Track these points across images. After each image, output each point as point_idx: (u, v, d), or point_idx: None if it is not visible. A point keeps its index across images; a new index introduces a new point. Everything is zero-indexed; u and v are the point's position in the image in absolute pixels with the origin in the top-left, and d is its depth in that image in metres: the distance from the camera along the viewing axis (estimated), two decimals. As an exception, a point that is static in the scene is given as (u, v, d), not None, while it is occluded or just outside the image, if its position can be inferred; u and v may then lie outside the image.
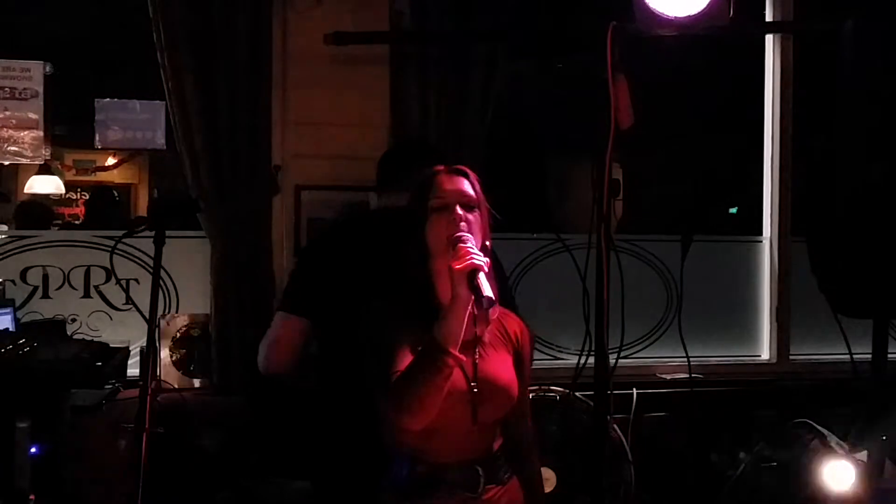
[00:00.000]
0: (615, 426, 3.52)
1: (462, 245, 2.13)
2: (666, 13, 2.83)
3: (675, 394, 4.08)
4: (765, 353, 4.66)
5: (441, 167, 2.32)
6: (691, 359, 3.46)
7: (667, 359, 4.39)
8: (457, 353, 2.10)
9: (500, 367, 2.30)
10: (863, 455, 2.95)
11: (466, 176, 2.30)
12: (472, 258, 2.09)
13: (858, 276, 2.46)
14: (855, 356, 2.93)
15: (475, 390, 2.20)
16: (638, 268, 4.46)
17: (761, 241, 4.68)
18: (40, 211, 6.29)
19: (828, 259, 2.52)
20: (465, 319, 2.10)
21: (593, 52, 2.70)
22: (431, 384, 2.08)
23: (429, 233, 2.23)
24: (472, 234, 2.19)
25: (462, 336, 2.11)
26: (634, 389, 3.93)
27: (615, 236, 2.76)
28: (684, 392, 3.96)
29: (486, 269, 2.10)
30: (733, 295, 4.65)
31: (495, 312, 2.32)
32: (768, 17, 4.60)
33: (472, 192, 2.27)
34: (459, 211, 2.21)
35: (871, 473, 2.74)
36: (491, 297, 2.06)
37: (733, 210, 7.58)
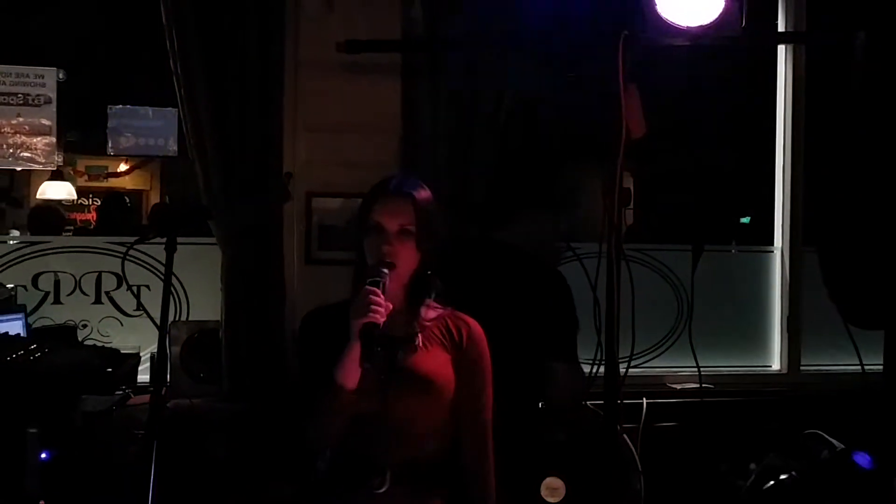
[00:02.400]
0: (625, 436, 3.51)
1: (368, 297, 2.16)
2: (678, 23, 2.83)
3: (685, 404, 4.07)
4: (776, 364, 4.64)
5: (390, 186, 2.35)
6: (702, 369, 3.45)
7: (677, 368, 4.38)
8: (349, 391, 2.18)
9: (427, 361, 2.32)
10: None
11: (414, 201, 2.32)
12: (370, 316, 2.14)
13: (870, 288, 2.45)
14: (866, 367, 2.92)
15: (382, 377, 2.24)
16: (648, 277, 4.45)
17: (773, 252, 4.66)
18: (53, 216, 6.31)
19: (839, 270, 2.52)
20: (356, 365, 2.17)
21: (605, 60, 2.70)
22: (326, 415, 2.22)
23: (366, 244, 2.32)
24: (399, 261, 2.27)
25: (355, 379, 2.19)
26: (644, 399, 3.92)
27: (625, 245, 2.75)
28: (694, 402, 3.94)
29: (381, 325, 2.16)
30: (744, 305, 4.64)
31: (434, 314, 2.38)
32: (780, 28, 4.60)
33: (408, 215, 2.30)
34: (385, 247, 2.27)
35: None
36: (370, 364, 2.16)
37: (745, 220, 7.56)
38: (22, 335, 3.59)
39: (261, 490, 3.47)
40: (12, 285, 3.89)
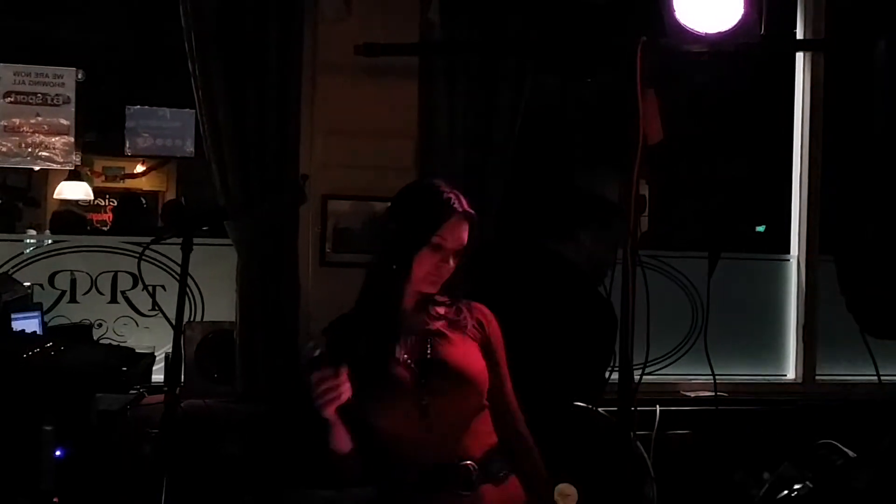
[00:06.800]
0: (638, 443, 3.50)
1: (319, 388, 2.06)
2: (697, 29, 2.82)
3: (699, 412, 4.05)
4: (791, 373, 4.62)
5: (459, 206, 2.28)
6: (716, 377, 3.44)
7: (691, 376, 4.37)
8: (346, 455, 2.14)
9: (458, 354, 2.30)
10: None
11: (473, 222, 2.30)
12: (333, 402, 2.07)
13: (887, 297, 2.44)
14: (883, 377, 2.90)
15: (423, 381, 2.22)
16: (664, 284, 4.44)
17: (789, 260, 4.64)
18: (75, 220, 6.36)
19: (857, 279, 2.50)
20: (344, 436, 2.14)
21: (623, 66, 2.69)
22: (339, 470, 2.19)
23: (417, 259, 2.24)
24: (444, 277, 2.26)
25: (348, 443, 2.15)
26: (658, 406, 3.90)
27: (641, 252, 2.74)
28: (708, 410, 3.93)
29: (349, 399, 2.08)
30: (760, 313, 4.62)
31: (443, 308, 2.35)
32: (799, 35, 4.58)
33: (466, 236, 2.28)
34: (451, 263, 2.25)
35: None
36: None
37: (761, 228, 7.53)
38: (38, 333, 3.61)
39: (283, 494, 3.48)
40: (29, 284, 3.91)
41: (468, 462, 2.24)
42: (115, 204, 9.22)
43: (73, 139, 4.35)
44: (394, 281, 2.25)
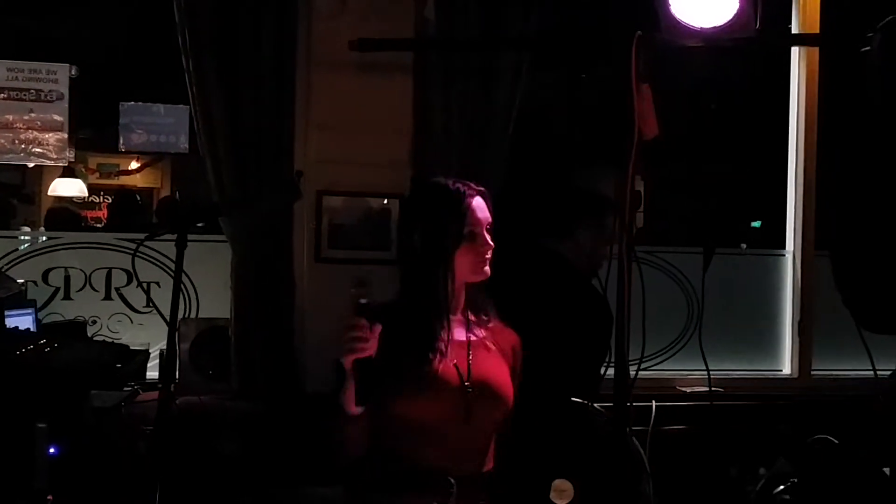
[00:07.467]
0: (634, 438, 3.50)
1: (348, 333, 2.07)
2: (692, 23, 2.82)
3: (694, 407, 4.05)
4: (786, 368, 4.62)
5: (474, 189, 2.34)
6: (712, 372, 3.44)
7: (687, 372, 4.36)
8: (353, 415, 2.11)
9: (496, 370, 2.33)
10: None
11: (486, 196, 2.36)
12: (356, 352, 2.07)
13: (884, 292, 2.43)
14: (879, 372, 2.90)
15: (469, 389, 2.23)
16: (659, 280, 4.43)
17: (784, 255, 4.64)
18: (69, 216, 6.35)
19: (853, 274, 2.50)
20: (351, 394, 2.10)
21: (619, 62, 2.69)
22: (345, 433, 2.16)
23: (458, 255, 2.26)
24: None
25: (352, 403, 2.11)
26: (654, 402, 3.90)
27: (636, 248, 2.74)
28: (704, 405, 3.93)
29: (371, 355, 2.08)
30: (755, 309, 4.62)
31: (491, 321, 2.39)
32: (794, 30, 4.58)
33: (487, 212, 2.34)
34: (489, 241, 2.29)
35: None
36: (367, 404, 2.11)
37: (756, 224, 7.54)
38: (32, 330, 3.60)
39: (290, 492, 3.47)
40: (23, 280, 3.90)
41: (452, 479, 2.23)
42: (110, 201, 9.24)
43: (66, 136, 4.35)
44: (436, 282, 2.27)
